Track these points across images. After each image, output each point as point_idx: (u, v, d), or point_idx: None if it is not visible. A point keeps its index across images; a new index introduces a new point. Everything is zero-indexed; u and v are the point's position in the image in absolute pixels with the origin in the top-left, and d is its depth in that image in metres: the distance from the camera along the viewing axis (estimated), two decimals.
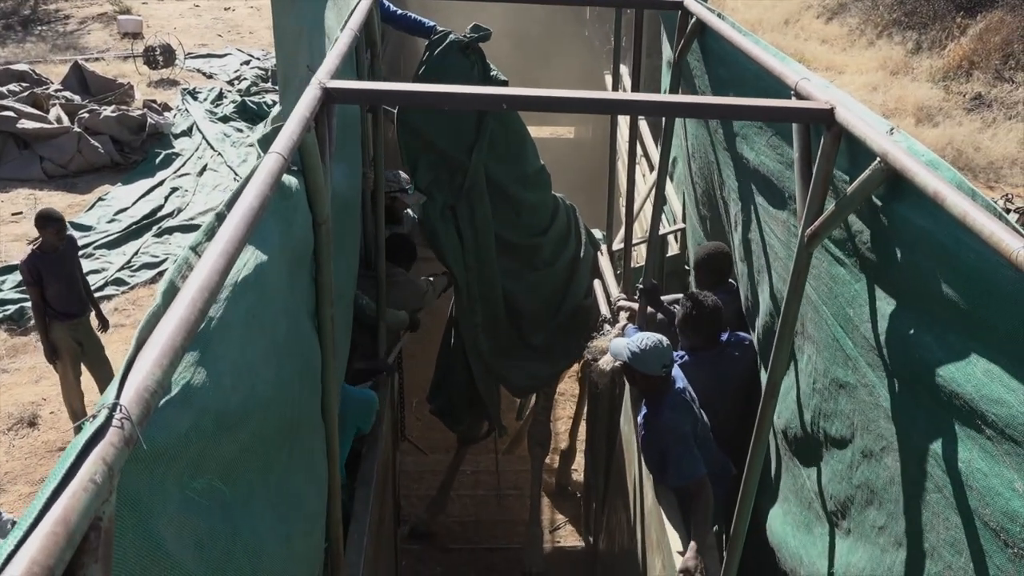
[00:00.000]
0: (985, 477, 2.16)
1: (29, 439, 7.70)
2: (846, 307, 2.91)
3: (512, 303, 6.30)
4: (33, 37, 20.85)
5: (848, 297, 2.89)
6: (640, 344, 4.07)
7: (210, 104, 16.06)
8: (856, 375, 2.87)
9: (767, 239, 3.81)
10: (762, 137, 3.63)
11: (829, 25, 19.81)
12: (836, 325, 3.01)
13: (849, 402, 2.96)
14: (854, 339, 2.87)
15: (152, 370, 1.31)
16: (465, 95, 2.94)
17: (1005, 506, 2.08)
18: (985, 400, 2.14)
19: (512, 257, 6.19)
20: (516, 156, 5.83)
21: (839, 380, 3.01)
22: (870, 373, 2.77)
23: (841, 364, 2.98)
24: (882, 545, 2.75)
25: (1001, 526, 2.09)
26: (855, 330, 2.85)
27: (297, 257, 2.66)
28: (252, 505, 2.15)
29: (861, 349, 2.82)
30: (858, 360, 2.85)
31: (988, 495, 2.14)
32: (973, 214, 1.93)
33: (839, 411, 3.04)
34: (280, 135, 2.17)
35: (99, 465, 1.15)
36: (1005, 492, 2.08)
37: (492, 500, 8.00)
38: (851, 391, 2.93)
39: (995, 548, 2.14)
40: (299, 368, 2.62)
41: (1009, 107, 14.93)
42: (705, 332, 4.39)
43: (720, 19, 3.76)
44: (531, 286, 6.33)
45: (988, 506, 2.14)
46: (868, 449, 2.83)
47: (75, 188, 12.84)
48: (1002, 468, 2.10)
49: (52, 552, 1.03)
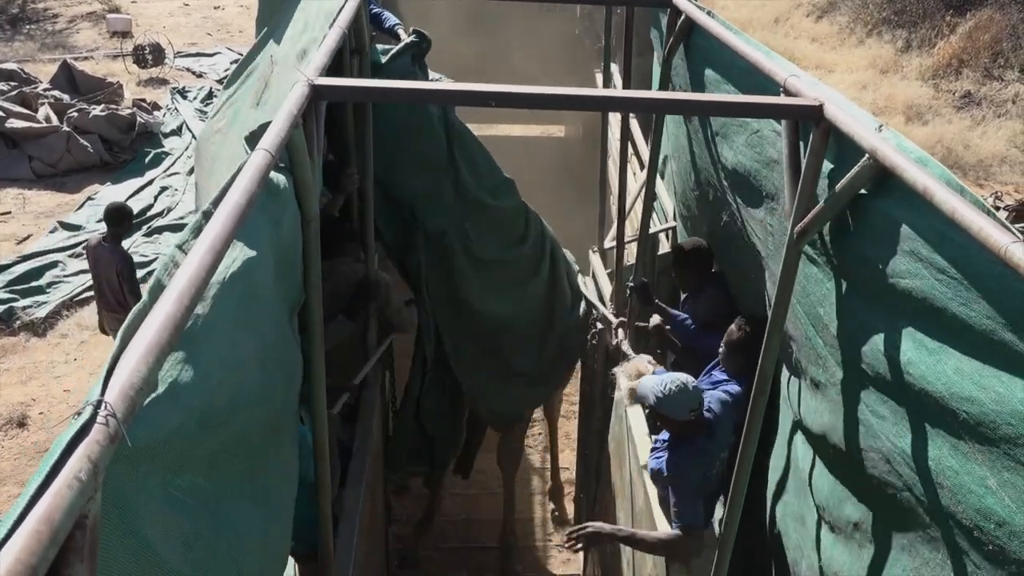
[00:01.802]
0: (956, 475, 2.17)
1: (18, 440, 7.67)
2: (817, 306, 2.91)
3: (499, 324, 6.12)
4: (22, 36, 20.73)
5: (819, 296, 2.89)
6: (664, 389, 3.85)
7: (200, 103, 15.99)
8: (827, 374, 2.87)
9: (753, 237, 3.82)
10: (741, 136, 3.64)
11: (819, 24, 19.84)
12: (808, 324, 3.01)
13: (822, 401, 2.96)
14: (824, 338, 2.87)
15: (138, 367, 1.30)
16: (452, 92, 2.94)
17: (978, 503, 2.08)
18: (956, 398, 2.14)
19: (496, 273, 6.05)
20: (490, 169, 5.72)
21: (814, 379, 3.02)
22: (839, 372, 2.77)
23: (814, 363, 2.99)
24: (859, 541, 2.76)
25: (975, 523, 2.09)
26: (825, 329, 2.86)
27: (284, 255, 2.65)
28: (234, 503, 2.14)
29: (831, 348, 2.83)
30: (828, 359, 2.85)
31: (960, 493, 2.14)
32: (962, 210, 1.94)
33: (817, 408, 3.06)
34: (267, 132, 2.16)
35: (84, 463, 1.14)
36: (978, 489, 2.08)
37: (484, 498, 7.99)
38: (824, 390, 2.93)
39: (969, 545, 2.14)
40: (283, 367, 2.61)
41: (998, 105, 14.98)
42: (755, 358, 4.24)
43: (709, 17, 3.76)
44: (518, 301, 6.18)
45: (960, 503, 2.14)
46: (840, 446, 2.83)
47: (64, 187, 12.78)
48: (974, 466, 2.10)
49: (36, 551, 1.02)
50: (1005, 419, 1.97)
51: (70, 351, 9.03)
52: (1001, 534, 2.00)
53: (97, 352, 7.85)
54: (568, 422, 8.94)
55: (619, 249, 5.85)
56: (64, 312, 9.71)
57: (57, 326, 9.48)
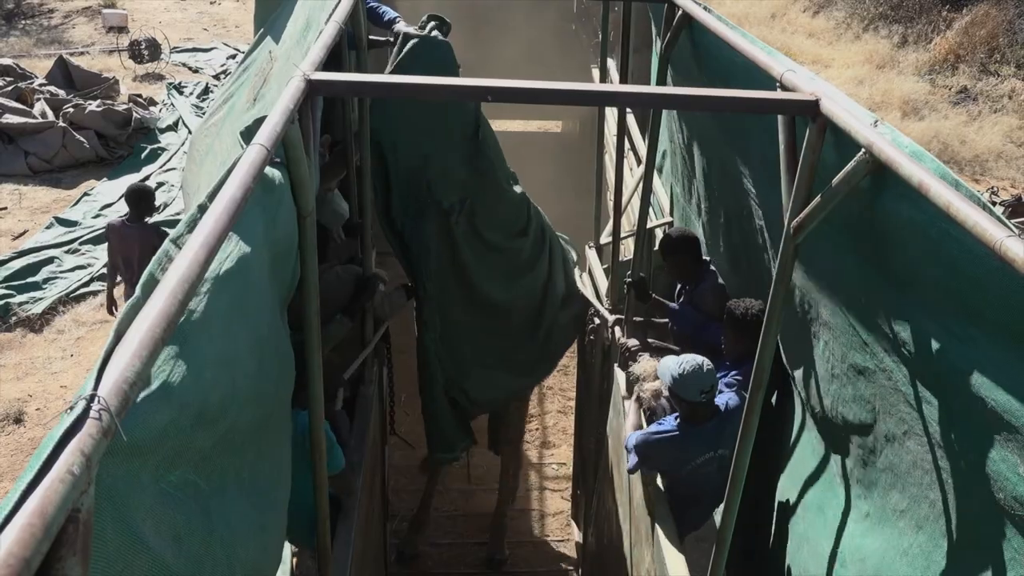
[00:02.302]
0: (995, 462, 2.21)
1: (15, 436, 7.66)
2: (859, 294, 2.91)
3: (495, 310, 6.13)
4: (17, 31, 20.68)
5: (859, 283, 2.89)
6: (681, 367, 3.91)
7: (196, 98, 15.96)
8: (874, 360, 2.88)
9: (753, 232, 3.82)
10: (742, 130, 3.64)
11: (816, 19, 19.83)
12: (847, 312, 3.01)
13: (869, 387, 2.97)
14: (868, 325, 2.88)
15: (131, 361, 1.29)
16: (449, 87, 2.93)
17: (1013, 490, 2.13)
18: (985, 386, 2.18)
19: (497, 260, 6.07)
20: (499, 155, 5.77)
21: (857, 366, 3.02)
22: (886, 358, 2.78)
23: (859, 349, 2.99)
24: (901, 528, 2.77)
25: (1013, 510, 2.13)
26: (868, 317, 2.86)
27: (279, 251, 2.65)
28: (228, 498, 2.13)
29: (875, 335, 2.83)
30: (874, 345, 2.86)
31: (999, 480, 2.18)
32: (957, 204, 1.94)
33: (859, 396, 3.06)
34: (263, 127, 2.16)
35: (77, 456, 1.14)
36: (1012, 477, 2.14)
37: (481, 494, 7.99)
38: (870, 376, 2.94)
39: (1012, 531, 2.17)
40: (278, 363, 2.60)
41: (994, 100, 14.99)
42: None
43: (706, 12, 3.76)
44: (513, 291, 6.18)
45: (1001, 491, 2.18)
46: (891, 433, 2.85)
47: (60, 183, 12.75)
48: (1006, 453, 2.15)
49: (28, 544, 1.02)
50: None
51: (67, 347, 9.02)
52: None
53: (94, 348, 7.84)
54: (565, 417, 8.96)
55: (615, 244, 5.86)
56: (61, 308, 9.69)
57: (54, 322, 9.46)
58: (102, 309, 9.53)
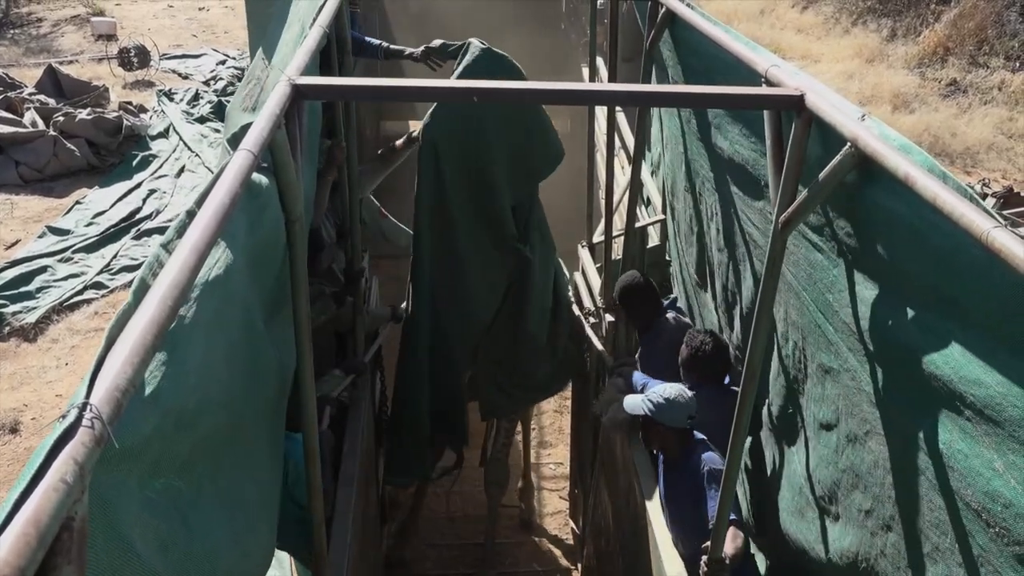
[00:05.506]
0: (966, 458, 2.19)
1: (11, 445, 7.65)
2: (825, 292, 2.93)
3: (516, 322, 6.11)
4: (6, 41, 20.63)
5: (827, 283, 2.91)
6: (662, 395, 3.86)
7: (186, 105, 15.93)
8: (839, 360, 2.89)
9: (745, 228, 3.83)
10: (735, 126, 3.64)
11: (804, 14, 19.89)
12: (817, 311, 3.02)
13: (834, 387, 2.98)
14: (835, 324, 2.89)
15: (123, 368, 1.30)
16: (434, 88, 2.93)
17: (986, 486, 2.10)
18: (964, 381, 2.16)
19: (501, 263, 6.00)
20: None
21: (824, 365, 3.03)
22: (851, 358, 2.79)
23: (824, 349, 3.00)
24: (870, 528, 2.77)
25: (983, 506, 2.12)
26: (835, 315, 2.87)
27: (259, 256, 2.64)
28: (206, 505, 2.13)
29: (842, 334, 2.84)
30: (839, 345, 2.87)
31: (969, 476, 2.17)
32: (943, 196, 1.95)
33: (825, 396, 3.06)
34: (250, 132, 2.16)
35: (70, 464, 1.14)
36: (985, 472, 2.11)
37: (475, 495, 7.97)
38: (835, 376, 2.95)
39: (978, 528, 2.16)
40: (248, 368, 2.59)
41: (984, 92, 15.05)
42: (711, 369, 4.19)
43: (689, 8, 3.77)
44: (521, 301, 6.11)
45: (969, 487, 2.17)
46: (853, 433, 2.85)
47: (52, 192, 12.74)
48: (982, 449, 2.12)
49: (23, 553, 1.02)
50: (1011, 401, 1.99)
51: (61, 356, 9.01)
52: (1007, 516, 2.04)
53: (89, 356, 7.84)
54: (561, 417, 8.95)
55: (607, 243, 5.86)
56: (55, 317, 9.68)
57: (48, 331, 9.45)
58: (96, 317, 9.54)
